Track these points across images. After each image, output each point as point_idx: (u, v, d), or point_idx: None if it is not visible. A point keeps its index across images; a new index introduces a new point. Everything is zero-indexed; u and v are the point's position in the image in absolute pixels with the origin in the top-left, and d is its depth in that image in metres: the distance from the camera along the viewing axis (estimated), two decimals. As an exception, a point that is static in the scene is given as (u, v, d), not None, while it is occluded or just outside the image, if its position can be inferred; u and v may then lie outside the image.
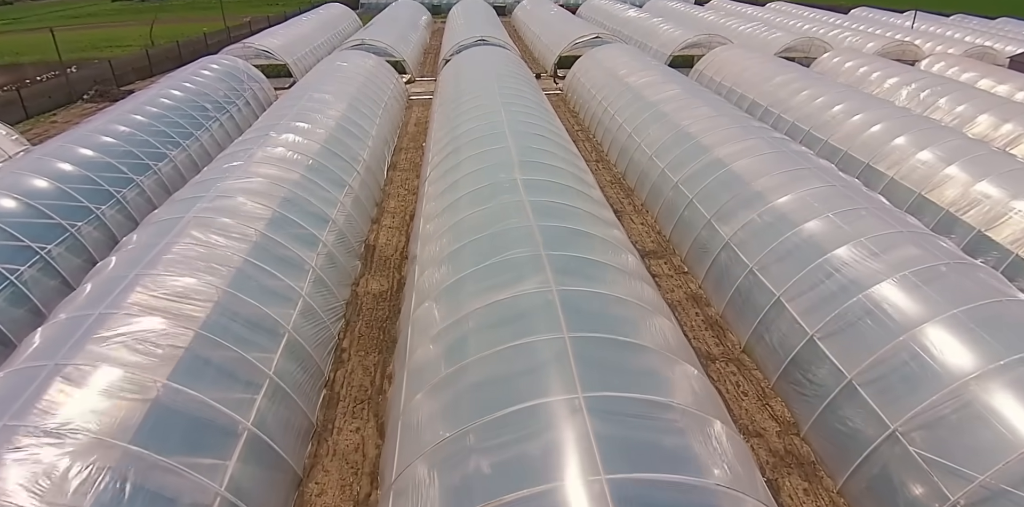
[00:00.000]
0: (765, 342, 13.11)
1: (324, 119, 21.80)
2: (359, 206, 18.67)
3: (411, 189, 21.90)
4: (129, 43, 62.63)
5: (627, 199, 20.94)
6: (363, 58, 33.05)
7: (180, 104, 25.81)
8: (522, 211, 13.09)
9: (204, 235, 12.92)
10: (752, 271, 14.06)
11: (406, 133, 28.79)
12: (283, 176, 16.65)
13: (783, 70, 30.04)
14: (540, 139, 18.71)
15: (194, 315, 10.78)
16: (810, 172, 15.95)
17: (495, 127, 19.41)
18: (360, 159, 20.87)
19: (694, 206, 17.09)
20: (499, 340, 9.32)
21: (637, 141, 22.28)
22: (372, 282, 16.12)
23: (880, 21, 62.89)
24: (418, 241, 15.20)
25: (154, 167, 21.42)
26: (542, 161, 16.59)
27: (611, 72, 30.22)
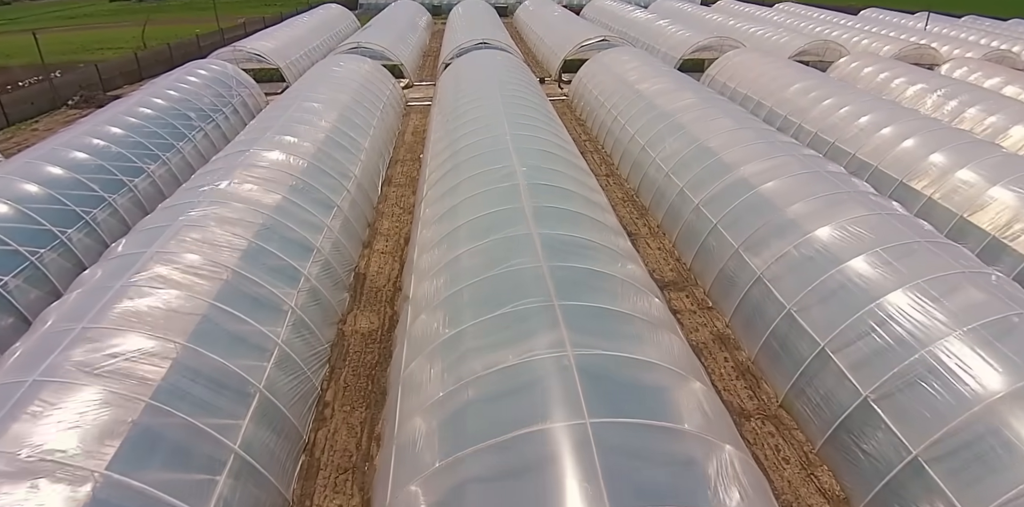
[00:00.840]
0: (807, 398, 11.47)
1: (312, 132, 20.15)
2: (349, 230, 17.04)
3: (407, 207, 20.25)
4: (121, 45, 61.01)
5: (641, 219, 19.27)
6: (358, 62, 31.41)
7: (161, 113, 24.16)
8: (530, 247, 11.45)
9: (164, 277, 11.27)
10: (790, 313, 12.40)
11: (403, 143, 27.15)
12: (262, 200, 15.00)
13: (802, 76, 28.38)
14: (547, 156, 17.07)
15: (145, 380, 9.14)
16: (849, 197, 14.30)
17: (497, 142, 17.77)
18: (351, 176, 19.23)
19: (719, 233, 15.44)
20: (504, 423, 7.68)
21: (651, 155, 20.63)
22: (361, 318, 14.48)
23: (892, 23, 61.18)
24: (412, 275, 13.56)
25: (129, 184, 19.77)
26: (550, 183, 14.94)
27: (620, 78, 28.57)
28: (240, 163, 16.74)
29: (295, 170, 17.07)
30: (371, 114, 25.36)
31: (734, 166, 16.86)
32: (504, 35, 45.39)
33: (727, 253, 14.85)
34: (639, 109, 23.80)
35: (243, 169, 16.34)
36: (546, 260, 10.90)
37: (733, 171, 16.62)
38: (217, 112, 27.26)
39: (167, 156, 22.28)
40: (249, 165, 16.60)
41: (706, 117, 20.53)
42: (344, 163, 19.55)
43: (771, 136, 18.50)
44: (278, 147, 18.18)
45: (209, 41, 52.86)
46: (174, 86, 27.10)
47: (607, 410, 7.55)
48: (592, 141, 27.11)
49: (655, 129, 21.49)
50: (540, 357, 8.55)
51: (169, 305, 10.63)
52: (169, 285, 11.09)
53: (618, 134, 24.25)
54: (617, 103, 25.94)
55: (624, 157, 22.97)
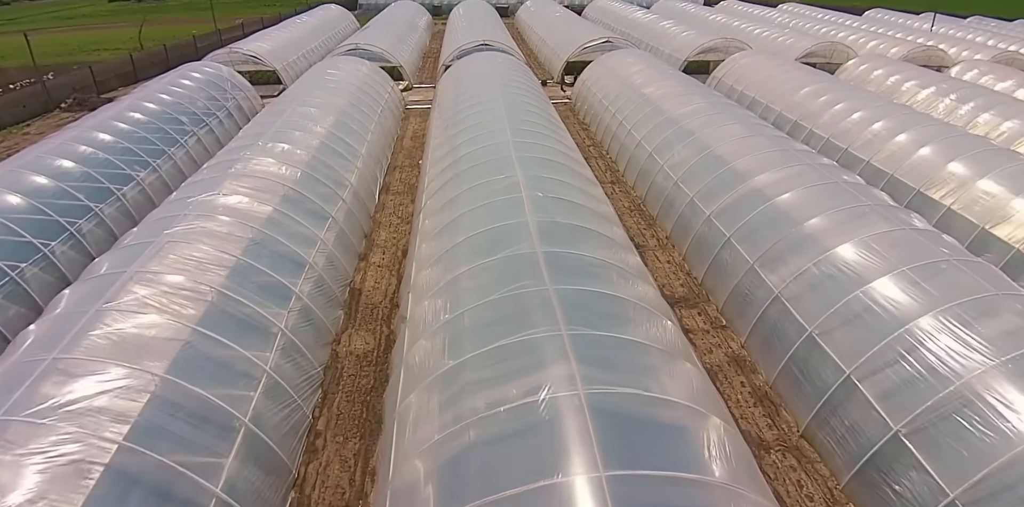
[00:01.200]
0: (832, 429, 10.74)
1: (307, 138, 19.41)
2: (344, 242, 16.31)
3: (404, 217, 19.51)
4: (118, 46, 60.31)
5: (649, 230, 18.53)
6: (356, 65, 30.68)
7: (153, 118, 23.44)
8: (534, 268, 10.72)
9: (144, 300, 10.54)
10: (812, 337, 11.67)
11: (401, 148, 26.42)
12: (252, 212, 14.27)
13: (811, 79, 27.64)
14: (551, 165, 16.33)
15: (118, 418, 8.41)
16: (871, 210, 13.56)
17: (500, 150, 17.03)
18: (347, 184, 18.50)
19: (733, 247, 14.71)
20: (509, 474, 6.95)
21: (659, 163, 19.89)
22: (356, 338, 13.75)
23: (897, 24, 60.42)
24: (409, 294, 12.83)
25: (117, 193, 19.05)
26: (555, 195, 14.21)
27: (624, 81, 27.84)
28: (230, 172, 16.01)
29: (288, 179, 16.34)
30: (368, 119, 24.63)
31: (747, 176, 16.13)
32: (505, 36, 44.67)
33: (742, 269, 14.12)
34: (645, 114, 23.06)
35: (233, 179, 15.61)
36: (552, 282, 10.17)
37: (746, 181, 15.88)
38: (211, 116, 26.54)
39: (157, 163, 21.55)
40: (239, 175, 15.88)
41: (716, 123, 19.80)
42: (339, 171, 18.83)
43: (785, 144, 17.77)
44: (270, 155, 17.45)
45: (206, 42, 52.13)
46: (167, 89, 26.38)
47: (623, 461, 6.82)
48: (596, 146, 26.36)
49: (662, 135, 20.76)
50: (549, 396, 7.82)
51: (148, 332, 9.90)
52: (149, 309, 10.36)
53: (623, 140, 23.52)
54: (622, 107, 25.21)
55: (630, 164, 22.24)
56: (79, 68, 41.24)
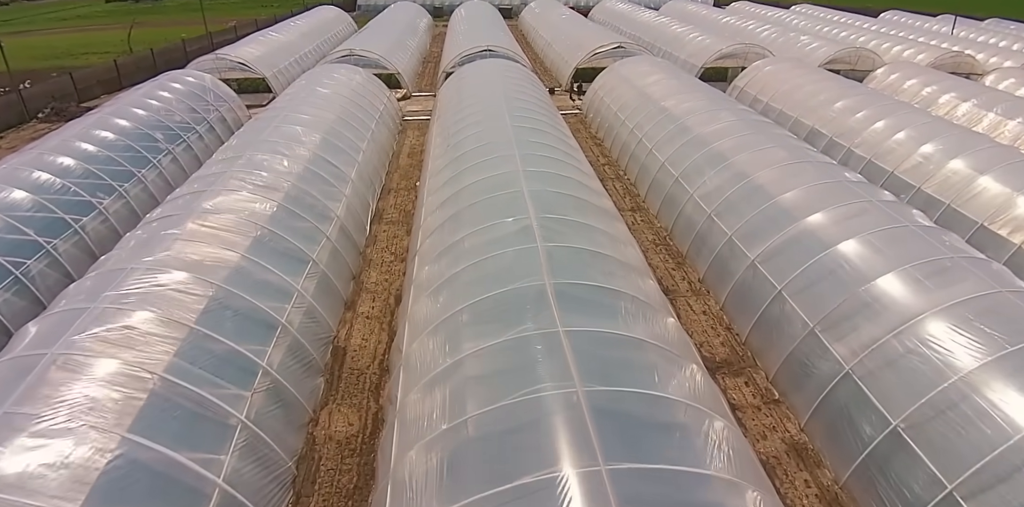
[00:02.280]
0: (935, 560, 8.48)
1: (289, 163, 17.12)
2: (326, 289, 14.04)
3: (399, 253, 17.21)
4: (108, 49, 58.15)
5: (679, 271, 16.21)
6: (349, 73, 28.38)
7: (123, 136, 21.16)
8: (557, 356, 8.43)
9: (60, 399, 8.27)
10: (897, 431, 9.40)
11: (397, 167, 24.11)
12: (214, 263, 11.98)
13: (844, 91, 25.30)
14: (567, 202, 14.00)
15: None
16: (955, 265, 11.26)
17: (508, 182, 14.73)
18: (333, 217, 16.22)
19: (786, 302, 12.41)
20: None
21: (688, 190, 17.58)
22: (338, 416, 11.47)
23: (915, 27, 58.05)
24: (401, 369, 10.54)
25: (75, 226, 16.82)
26: (576, 243, 11.92)
27: (641, 92, 25.52)
28: (194, 209, 13.72)
29: (262, 217, 14.06)
30: (361, 136, 22.34)
31: (798, 213, 13.83)
32: (509, 40, 42.37)
33: (799, 331, 11.82)
34: (668, 132, 20.74)
35: (196, 218, 13.33)
36: (582, 381, 7.87)
37: (797, 221, 13.57)
38: (189, 131, 24.26)
39: (125, 187, 19.29)
40: (204, 212, 13.59)
41: (752, 145, 17.48)
42: (325, 201, 16.53)
43: (835, 172, 15.46)
44: (245, 185, 15.19)
45: (196, 46, 49.83)
46: (142, 102, 24.10)
47: None
48: (612, 165, 24.02)
49: (690, 158, 18.44)
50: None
51: (62, 455, 7.63)
52: (71, 415, 8.09)
53: (644, 160, 21.20)
54: (641, 123, 22.89)
55: (653, 189, 19.91)
56: (59, 75, 38.97)
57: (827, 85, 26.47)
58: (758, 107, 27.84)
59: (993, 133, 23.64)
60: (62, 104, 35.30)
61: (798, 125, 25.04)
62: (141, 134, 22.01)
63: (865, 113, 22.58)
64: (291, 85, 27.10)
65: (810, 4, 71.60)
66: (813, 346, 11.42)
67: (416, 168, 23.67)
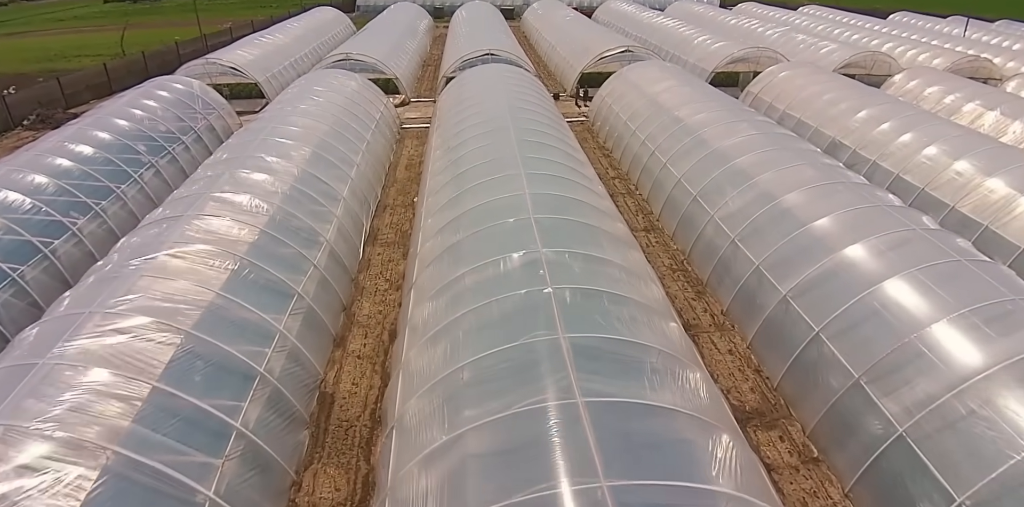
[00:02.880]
0: None
1: (274, 183, 15.80)
2: (312, 325, 12.74)
3: (394, 280, 15.90)
4: (101, 52, 56.91)
5: (699, 301, 14.87)
6: (344, 79, 27.06)
7: (102, 149, 19.87)
8: (575, 432, 7.14)
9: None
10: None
11: (394, 181, 22.78)
12: (188, 301, 10.67)
13: (865, 99, 23.96)
14: (581, 232, 12.68)
15: None
16: (1018, 307, 9.97)
17: (516, 208, 13.35)
18: (322, 242, 14.92)
19: (823, 345, 11.10)
20: None
21: (707, 211, 16.26)
22: (323, 479, 10.16)
23: (925, 28, 56.71)
24: (395, 432, 9.23)
25: (45, 250, 15.53)
26: (593, 284, 10.62)
27: (652, 100, 24.18)
28: (166, 238, 12.42)
29: (241, 246, 12.75)
30: (355, 148, 21.03)
31: (834, 243, 12.50)
32: (512, 43, 41.03)
33: (841, 381, 10.52)
34: (684, 146, 19.41)
35: (168, 248, 12.03)
36: (607, 476, 6.56)
37: (835, 253, 12.24)
38: (175, 142, 22.97)
39: (102, 206, 18.03)
40: (177, 242, 12.28)
41: (776, 162, 16.15)
42: (313, 224, 15.22)
43: (872, 195, 14.12)
44: (224, 209, 13.89)
45: (190, 49, 48.49)
46: (124, 112, 22.81)
47: None
48: (622, 179, 22.65)
49: (708, 175, 17.11)
50: None
51: None
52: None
53: (658, 175, 19.86)
54: (653, 134, 21.56)
55: (668, 207, 18.57)
56: (45, 80, 37.67)
57: (847, 93, 25.15)
58: (774, 115, 26.52)
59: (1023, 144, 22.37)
60: (48, 111, 34.02)
61: (818, 136, 23.72)
62: (122, 146, 20.72)
63: (891, 124, 21.25)
64: (283, 92, 25.79)
65: (817, 5, 70.33)
66: (858, 400, 10.11)
67: (414, 182, 22.36)
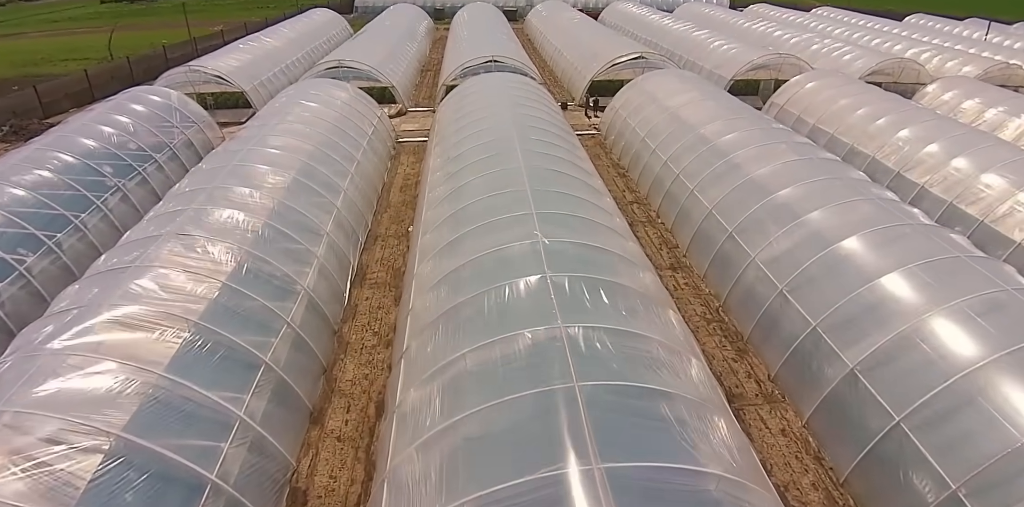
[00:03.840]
0: None
1: (245, 222, 13.59)
2: (283, 401, 10.57)
3: (383, 332, 13.67)
4: (90, 55, 54.85)
5: (740, 362, 12.65)
6: (334, 89, 24.87)
7: (62, 173, 17.75)
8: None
9: None
10: None
11: (387, 206, 20.57)
12: (122, 391, 8.53)
13: (906, 115, 21.74)
14: (609, 293, 10.41)
15: None
16: None
17: (527, 262, 11.15)
18: (298, 292, 12.73)
19: (906, 438, 8.92)
20: None
21: (747, 252, 14.04)
22: None
23: (944, 32, 54.47)
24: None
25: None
26: (619, 378, 8.46)
27: (674, 114, 21.95)
28: (103, 301, 10.24)
29: (196, 308, 10.58)
30: (343, 170, 18.84)
31: (911, 305, 10.31)
32: (516, 48, 38.85)
33: (935, 489, 8.35)
34: (714, 170, 17.19)
35: (108, 311, 9.88)
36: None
37: (915, 318, 10.06)
38: (146, 161, 20.82)
39: (58, 239, 15.91)
40: (116, 304, 10.11)
41: (828, 197, 13.89)
42: (288, 272, 12.94)
43: (944, 240, 11.90)
44: (182, 258, 11.73)
45: (179, 52, 46.32)
46: (91, 129, 20.64)
47: None
48: (641, 204, 20.40)
49: (747, 209, 14.90)
50: None
51: None
52: None
53: (684, 203, 17.64)
54: (677, 156, 19.34)
55: (698, 242, 16.34)
56: (20, 88, 35.52)
57: (883, 106, 22.95)
58: (802, 129, 24.35)
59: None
60: (23, 121, 31.86)
61: (854, 154, 21.54)
62: (85, 168, 18.61)
63: (940, 146, 19.06)
64: (266, 106, 23.56)
65: (830, 6, 68.09)
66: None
67: (409, 206, 20.18)
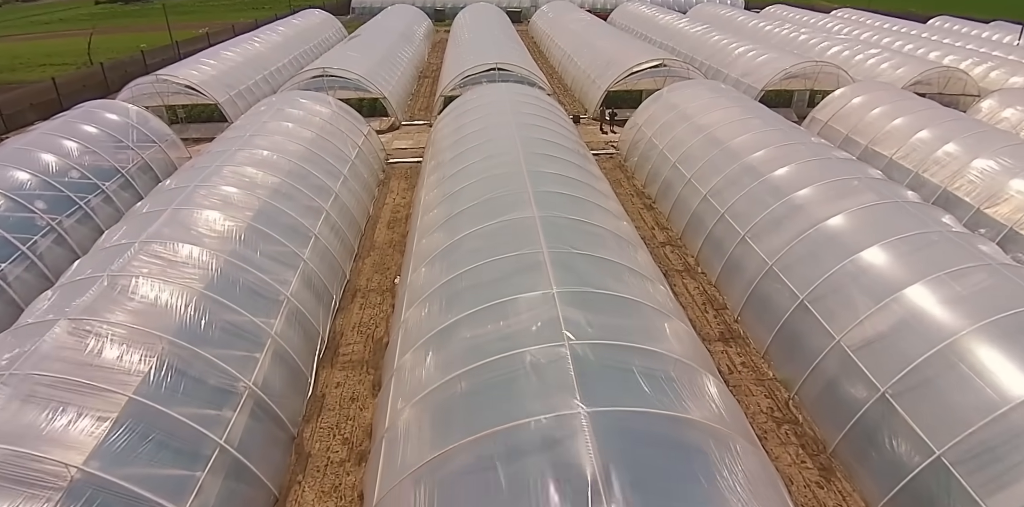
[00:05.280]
0: None
1: (176, 294, 10.39)
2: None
3: (355, 440, 10.35)
4: (71, 60, 51.91)
5: (827, 488, 9.46)
6: (314, 105, 21.62)
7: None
8: None
9: None
10: None
11: (371, 248, 17.19)
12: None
13: (979, 138, 18.53)
14: (642, 372, 7.35)
15: None
16: None
17: (543, 331, 8.06)
18: (240, 392, 9.51)
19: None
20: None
21: (830, 334, 10.81)
22: None
23: (971, 36, 51.06)
24: None
25: None
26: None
27: (712, 137, 18.57)
28: (19, 376, 7.12)
29: (136, 377, 7.42)
30: (316, 209, 15.58)
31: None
32: (521, 53, 35.63)
33: None
34: (772, 214, 13.86)
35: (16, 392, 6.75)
36: None
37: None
38: (91, 192, 17.66)
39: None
40: (31, 382, 6.98)
41: (936, 261, 10.68)
42: (230, 368, 9.70)
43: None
44: (121, 322, 8.56)
45: (160, 56, 43.13)
46: (23, 157, 17.44)
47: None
48: (675, 247, 16.92)
49: (823, 270, 11.59)
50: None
51: None
52: None
53: (732, 252, 14.38)
54: (720, 189, 16.03)
55: (755, 307, 13.01)
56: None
57: (950, 128, 19.69)
58: (854, 150, 21.10)
59: None
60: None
61: (919, 183, 18.30)
62: (11, 205, 15.48)
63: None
64: (229, 128, 20.26)
65: (850, 8, 64.86)
66: None
67: (398, 249, 16.93)
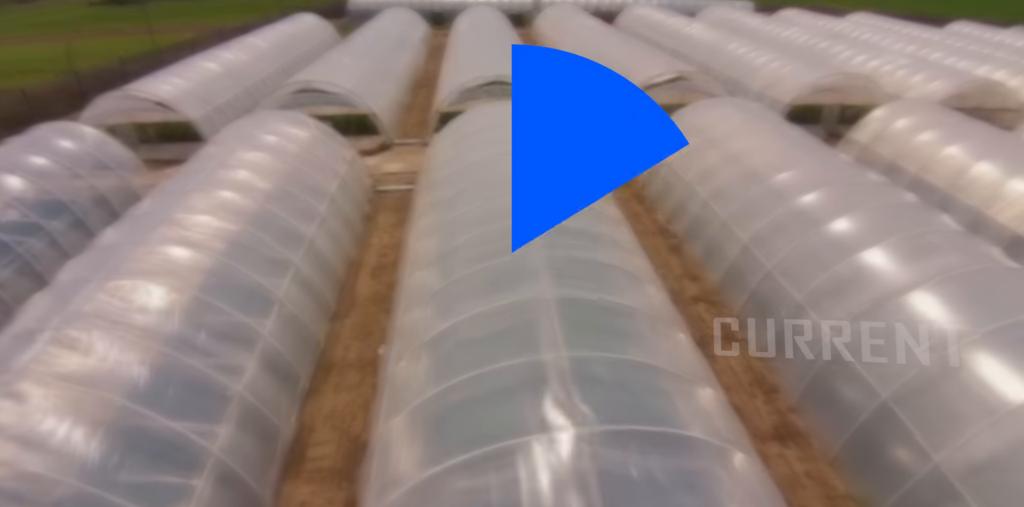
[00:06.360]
0: None
1: (107, 373, 8.01)
2: None
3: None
4: (47, 67, 49.25)
5: None
6: (291, 128, 19.04)
7: None
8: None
9: None
10: None
11: (352, 304, 14.54)
12: None
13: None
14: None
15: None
16: None
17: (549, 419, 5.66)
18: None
19: None
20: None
21: (921, 448, 8.41)
22: None
23: (994, 42, 48.46)
24: None
25: None
26: None
27: (751, 171, 15.89)
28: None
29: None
30: (284, 262, 13.05)
31: None
32: (525, 62, 33.10)
33: None
34: (834, 274, 11.38)
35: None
36: None
37: None
38: (32, 233, 15.17)
39: None
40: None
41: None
42: (167, 484, 7.42)
43: None
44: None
45: (141, 63, 40.60)
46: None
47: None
48: (710, 304, 14.32)
49: (910, 367, 9.23)
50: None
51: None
52: None
53: (783, 317, 11.92)
54: (765, 237, 13.48)
55: (815, 396, 10.64)
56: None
57: (1010, 155, 17.27)
58: (899, 179, 18.61)
59: None
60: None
61: (985, 223, 15.87)
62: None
63: None
64: (192, 158, 17.62)
65: (868, 13, 62.47)
66: None
67: (382, 306, 14.27)
